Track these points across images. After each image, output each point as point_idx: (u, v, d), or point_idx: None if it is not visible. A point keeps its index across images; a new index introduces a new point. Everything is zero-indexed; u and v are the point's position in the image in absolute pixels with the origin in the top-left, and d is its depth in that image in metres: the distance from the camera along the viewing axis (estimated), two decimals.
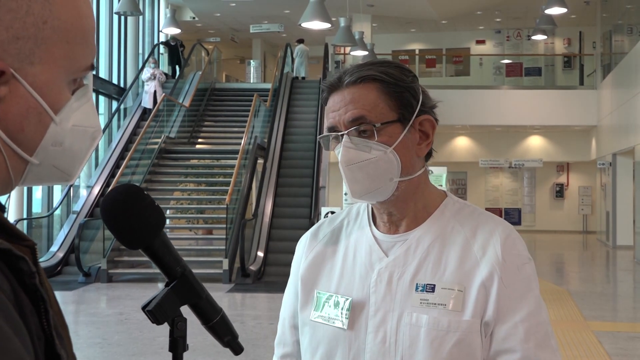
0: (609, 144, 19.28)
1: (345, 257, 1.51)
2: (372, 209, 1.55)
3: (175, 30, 18.49)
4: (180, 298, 1.10)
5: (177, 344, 1.09)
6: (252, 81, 24.57)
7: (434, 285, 1.41)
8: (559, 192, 25.62)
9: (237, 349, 1.16)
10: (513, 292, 1.39)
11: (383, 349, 1.41)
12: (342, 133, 1.43)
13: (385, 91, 1.43)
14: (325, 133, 1.47)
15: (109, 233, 10.37)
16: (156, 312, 1.08)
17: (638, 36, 16.74)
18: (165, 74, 18.68)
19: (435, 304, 1.39)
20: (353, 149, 1.41)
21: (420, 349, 1.39)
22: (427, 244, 1.45)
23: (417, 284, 1.42)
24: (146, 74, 17.54)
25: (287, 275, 1.61)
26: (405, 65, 1.50)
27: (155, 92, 17.13)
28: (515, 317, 1.38)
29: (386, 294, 1.43)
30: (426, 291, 1.41)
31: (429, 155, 1.50)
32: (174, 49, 20.15)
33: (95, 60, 0.92)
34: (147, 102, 17.04)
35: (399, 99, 1.43)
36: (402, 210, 1.48)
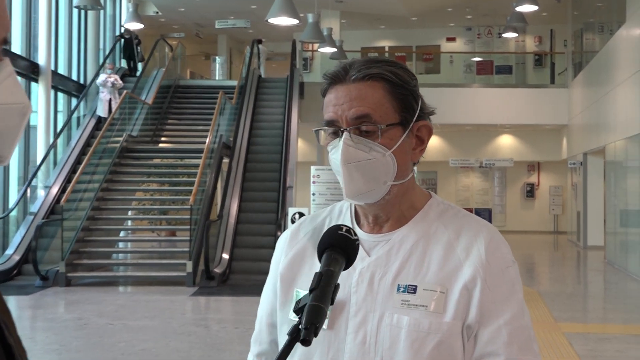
0: (580, 143, 19.55)
1: None
2: (355, 207, 1.56)
3: (137, 25, 18.31)
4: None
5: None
6: (217, 78, 24.50)
7: (416, 286, 1.42)
8: (530, 192, 25.92)
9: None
10: (497, 295, 1.41)
11: (362, 350, 1.42)
12: (343, 129, 1.43)
13: (392, 92, 1.44)
14: (323, 126, 1.47)
15: (68, 234, 10.27)
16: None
17: (609, 34, 16.98)
18: (122, 77, 18.22)
19: (416, 305, 1.40)
20: (352, 147, 1.41)
21: (400, 350, 1.39)
22: (410, 245, 1.46)
23: (398, 284, 1.43)
24: (101, 79, 16.84)
25: (253, 277, 1.62)
26: (409, 68, 1.51)
27: (110, 100, 16.62)
28: (499, 320, 1.40)
29: (367, 294, 1.44)
30: (408, 292, 1.42)
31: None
32: (128, 42, 19.83)
33: (9, 34, 0.87)
34: (101, 111, 16.46)
35: (403, 101, 1.45)
36: (389, 212, 1.49)
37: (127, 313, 9.35)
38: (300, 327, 1.17)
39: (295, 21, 12.63)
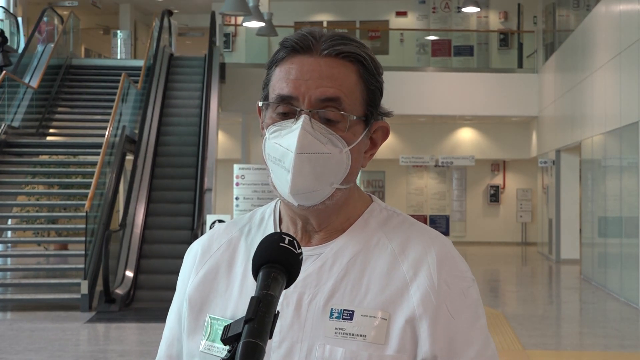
0: (552, 138, 19.94)
1: (244, 273, 1.50)
2: (280, 213, 1.55)
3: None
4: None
5: None
6: (119, 57, 24.23)
7: (353, 311, 1.41)
8: (494, 195, 26.33)
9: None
10: (461, 322, 1.41)
11: None
12: (302, 110, 1.40)
13: (364, 79, 1.44)
14: (273, 101, 1.43)
15: None
16: None
17: (586, 10, 17.36)
18: None
19: (353, 334, 1.39)
20: (311, 134, 1.39)
21: None
22: (346, 260, 1.45)
23: (332, 309, 1.42)
24: None
25: (162, 299, 1.60)
26: None
27: None
28: (469, 352, 1.40)
29: (294, 321, 1.42)
30: (343, 318, 1.40)
31: None
32: None
33: None
34: None
35: (372, 93, 1.45)
36: (321, 222, 1.48)
37: (7, 345, 9.15)
38: None
39: None
